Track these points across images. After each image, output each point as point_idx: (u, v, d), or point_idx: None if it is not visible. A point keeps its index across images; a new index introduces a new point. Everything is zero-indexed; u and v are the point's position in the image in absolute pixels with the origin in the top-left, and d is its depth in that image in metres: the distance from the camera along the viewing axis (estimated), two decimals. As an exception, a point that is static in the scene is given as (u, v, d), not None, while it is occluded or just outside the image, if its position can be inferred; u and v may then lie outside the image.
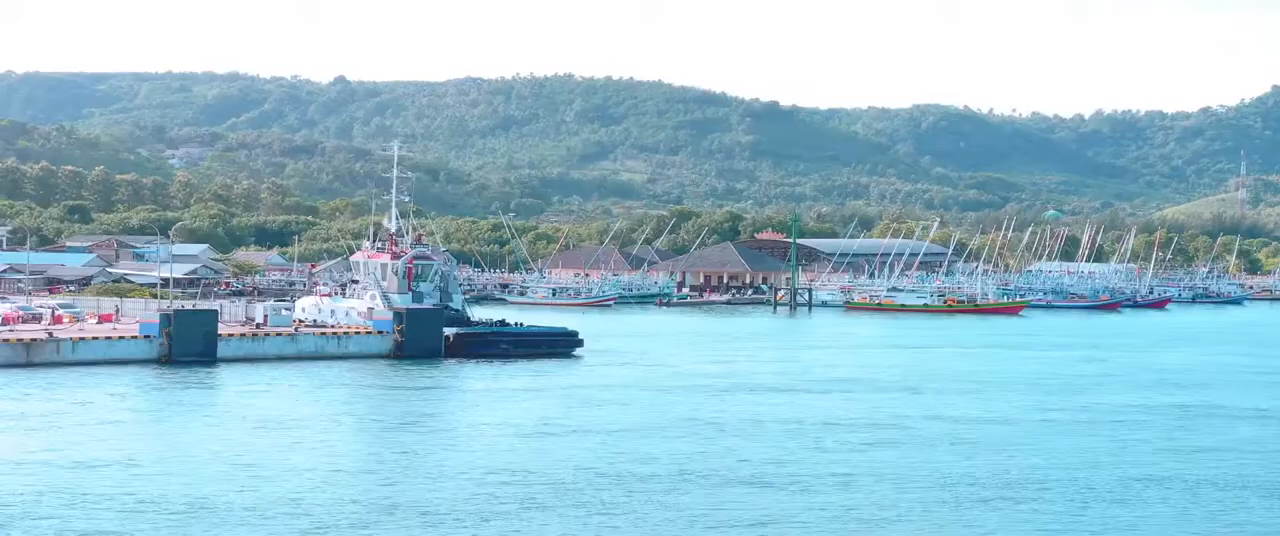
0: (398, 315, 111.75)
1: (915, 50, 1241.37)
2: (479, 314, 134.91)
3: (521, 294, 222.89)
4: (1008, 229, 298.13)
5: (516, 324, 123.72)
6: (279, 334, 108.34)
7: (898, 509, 52.03)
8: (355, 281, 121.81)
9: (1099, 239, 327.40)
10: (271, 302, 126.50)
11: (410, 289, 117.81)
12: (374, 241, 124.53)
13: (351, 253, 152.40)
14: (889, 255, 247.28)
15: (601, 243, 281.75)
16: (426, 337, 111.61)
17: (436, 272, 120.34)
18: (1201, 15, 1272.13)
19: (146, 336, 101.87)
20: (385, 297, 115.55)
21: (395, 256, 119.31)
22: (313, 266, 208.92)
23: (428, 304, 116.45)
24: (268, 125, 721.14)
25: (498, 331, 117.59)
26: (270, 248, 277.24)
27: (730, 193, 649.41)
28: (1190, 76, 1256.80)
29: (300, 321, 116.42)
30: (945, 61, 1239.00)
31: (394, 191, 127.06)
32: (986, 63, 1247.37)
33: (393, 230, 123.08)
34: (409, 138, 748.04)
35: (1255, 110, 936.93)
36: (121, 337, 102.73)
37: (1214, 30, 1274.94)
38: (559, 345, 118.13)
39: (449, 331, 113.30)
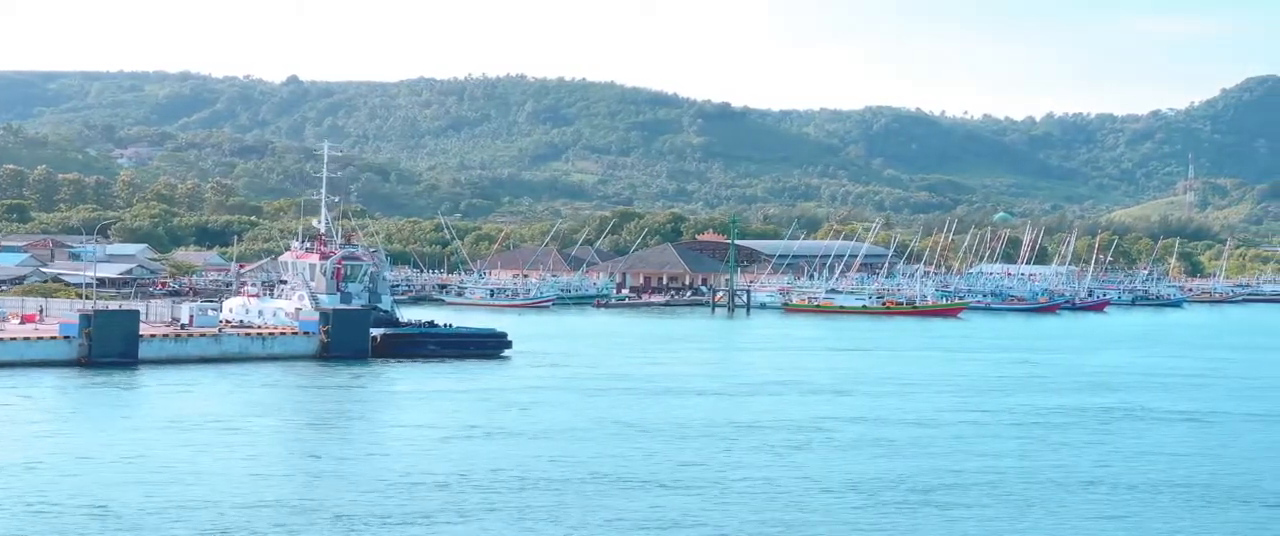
0: (324, 316, 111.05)
1: (868, 52, 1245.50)
2: (417, 315, 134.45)
3: (459, 295, 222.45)
4: (949, 231, 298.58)
5: (445, 325, 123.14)
6: (203, 335, 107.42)
7: (814, 511, 51.68)
8: (283, 282, 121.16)
9: (1042, 241, 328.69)
10: (198, 303, 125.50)
11: (339, 289, 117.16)
12: (303, 242, 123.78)
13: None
14: (829, 257, 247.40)
15: (544, 244, 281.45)
16: (353, 338, 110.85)
17: (366, 273, 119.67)
18: (1152, 19, 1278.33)
19: (66, 337, 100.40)
20: (313, 298, 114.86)
21: (324, 257, 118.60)
22: (241, 266, 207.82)
23: (356, 304, 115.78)
24: (219, 125, 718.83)
25: (425, 332, 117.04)
26: (211, 248, 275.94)
27: (681, 194, 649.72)
28: (1140, 80, 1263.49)
29: (227, 322, 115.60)
30: (898, 64, 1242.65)
31: (324, 191, 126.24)
32: (939, 65, 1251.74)
33: (322, 230, 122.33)
34: (361, 138, 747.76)
35: (1204, 114, 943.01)
36: (40, 338, 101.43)
37: (1164, 34, 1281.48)
38: (487, 346, 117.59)
39: (376, 332, 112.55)
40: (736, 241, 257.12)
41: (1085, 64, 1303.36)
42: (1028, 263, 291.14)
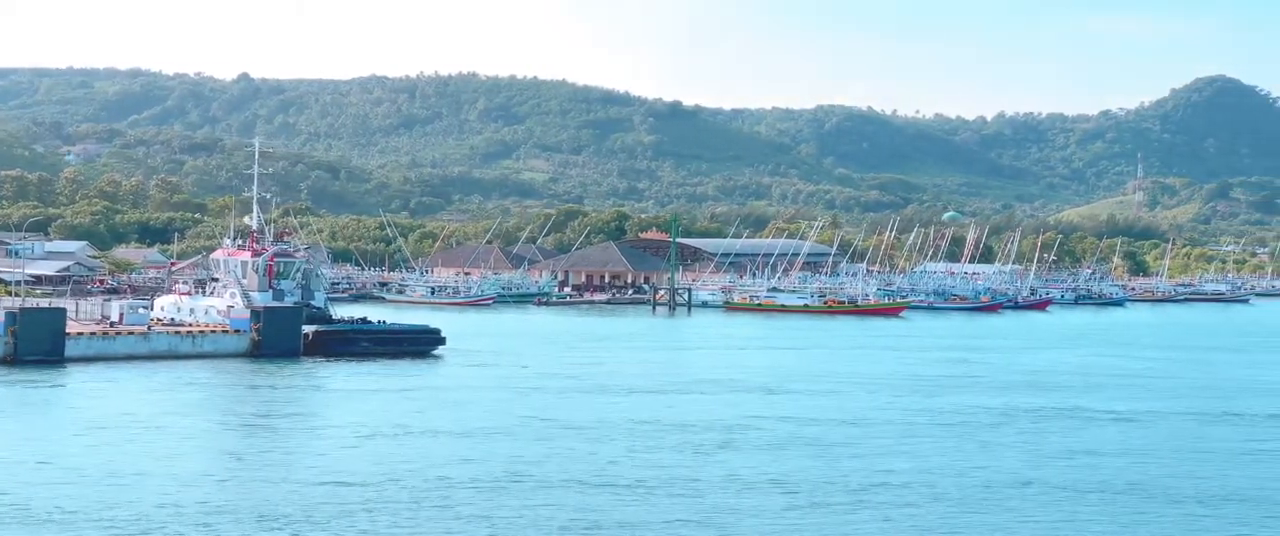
0: (255, 313, 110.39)
1: (820, 52, 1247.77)
2: (358, 313, 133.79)
3: (400, 293, 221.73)
4: (892, 230, 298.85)
5: (379, 322, 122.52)
6: (131, 333, 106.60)
7: (739, 511, 51.42)
8: (215, 279, 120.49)
9: (988, 240, 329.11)
10: (128, 301, 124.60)
11: (271, 287, 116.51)
12: (235, 239, 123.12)
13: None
14: (773, 255, 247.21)
15: (485, 241, 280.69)
16: (284, 336, 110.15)
17: (298, 270, 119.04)
18: (1103, 20, 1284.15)
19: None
20: (245, 295, 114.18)
21: (256, 254, 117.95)
22: (172, 264, 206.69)
23: (289, 302, 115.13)
24: (170, 122, 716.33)
25: (357, 329, 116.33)
26: (152, 245, 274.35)
27: (632, 192, 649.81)
28: (1091, 80, 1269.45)
29: (158, 320, 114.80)
30: (849, 63, 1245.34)
31: (255, 188, 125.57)
32: (890, 64, 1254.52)
33: (254, 227, 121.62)
34: (312, 135, 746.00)
35: (1154, 114, 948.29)
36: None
37: (1115, 35, 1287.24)
38: (420, 343, 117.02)
39: (308, 330, 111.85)
40: (680, 240, 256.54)
41: (1036, 64, 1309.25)
42: (972, 262, 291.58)
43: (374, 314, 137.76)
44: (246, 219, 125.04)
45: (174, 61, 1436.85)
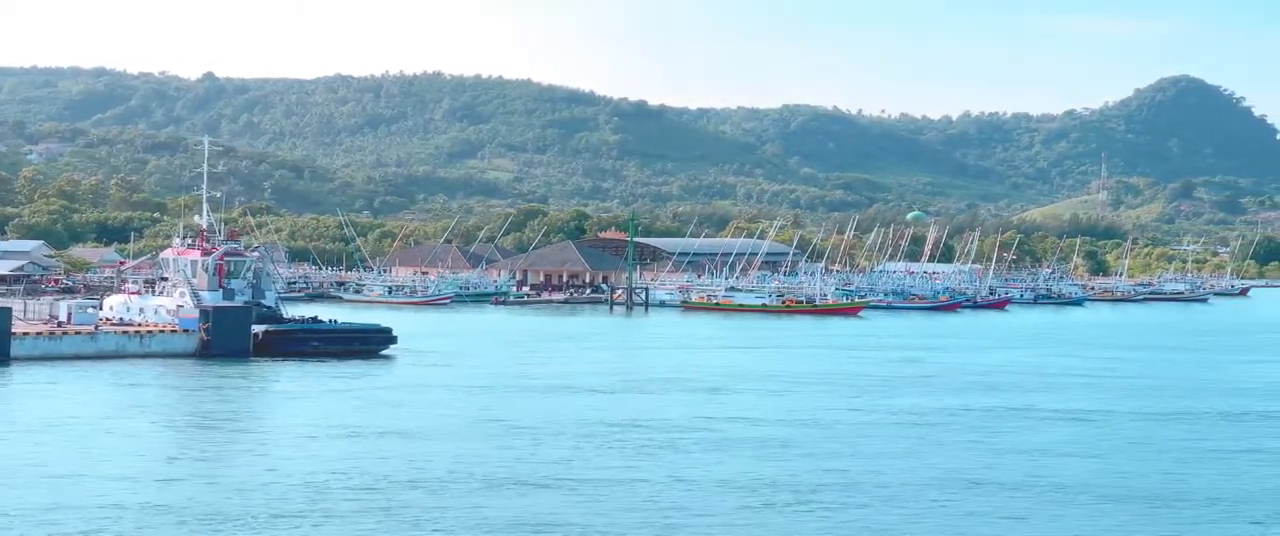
0: (204, 313, 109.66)
1: (785, 51, 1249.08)
2: (315, 312, 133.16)
3: (357, 292, 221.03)
4: (851, 229, 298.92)
5: (330, 321, 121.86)
6: (78, 332, 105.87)
7: (686, 512, 51.02)
8: (165, 278, 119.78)
9: (949, 239, 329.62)
10: (77, 300, 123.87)
11: (221, 286, 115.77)
12: (184, 238, 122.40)
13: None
14: (731, 255, 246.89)
15: (442, 240, 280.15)
16: (233, 336, 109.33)
17: (249, 269, 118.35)
18: (1067, 20, 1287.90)
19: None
20: (195, 295, 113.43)
21: (206, 253, 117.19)
22: (121, 263, 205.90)
23: (239, 301, 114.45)
24: (134, 121, 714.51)
25: (307, 329, 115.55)
26: (109, 244, 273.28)
27: (597, 191, 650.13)
28: (1055, 80, 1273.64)
29: (106, 319, 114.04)
30: (815, 63, 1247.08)
31: (205, 187, 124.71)
32: (856, 64, 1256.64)
33: (204, 226, 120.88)
34: (277, 135, 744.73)
35: (1118, 114, 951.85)
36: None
37: (1079, 35, 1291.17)
38: (371, 343, 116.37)
39: (258, 329, 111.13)
40: (639, 239, 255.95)
41: (1001, 64, 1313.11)
42: (932, 261, 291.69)
43: (331, 313, 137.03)
44: (197, 218, 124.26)
45: (138, 61, 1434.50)
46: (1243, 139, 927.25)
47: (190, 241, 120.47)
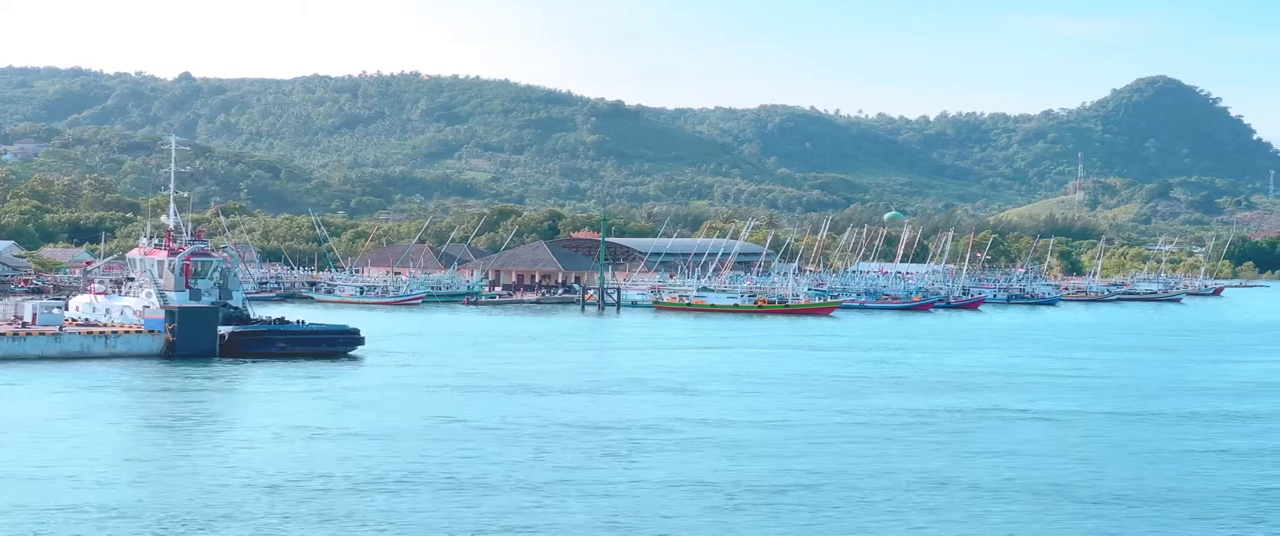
0: (169, 314, 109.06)
1: (763, 51, 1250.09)
2: (286, 313, 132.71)
3: (329, 292, 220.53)
4: (824, 228, 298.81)
5: (298, 322, 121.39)
6: (42, 333, 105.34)
7: (649, 514, 50.65)
8: (131, 279, 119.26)
9: (924, 240, 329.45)
10: (42, 301, 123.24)
11: (188, 286, 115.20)
12: (151, 238, 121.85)
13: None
14: (703, 255, 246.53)
15: (415, 240, 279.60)
16: (199, 337, 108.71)
17: (216, 270, 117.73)
18: (1045, 20, 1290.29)
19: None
20: (161, 295, 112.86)
21: (172, 253, 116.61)
22: (87, 263, 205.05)
23: (206, 302, 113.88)
24: (110, 121, 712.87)
25: (274, 330, 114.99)
26: (81, 245, 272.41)
27: (574, 192, 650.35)
28: (1033, 80, 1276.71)
29: (72, 320, 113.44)
30: (792, 63, 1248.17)
31: (172, 186, 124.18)
32: (833, 64, 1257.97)
33: (171, 226, 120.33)
34: (254, 135, 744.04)
35: (1096, 114, 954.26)
36: None
37: (1057, 35, 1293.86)
38: (338, 344, 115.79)
39: (224, 330, 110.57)
40: (611, 239, 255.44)
41: (978, 64, 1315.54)
42: (906, 261, 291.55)
43: (302, 314, 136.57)
44: (164, 218, 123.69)
45: (115, 61, 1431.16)
46: (1219, 139, 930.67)
47: (157, 242, 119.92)
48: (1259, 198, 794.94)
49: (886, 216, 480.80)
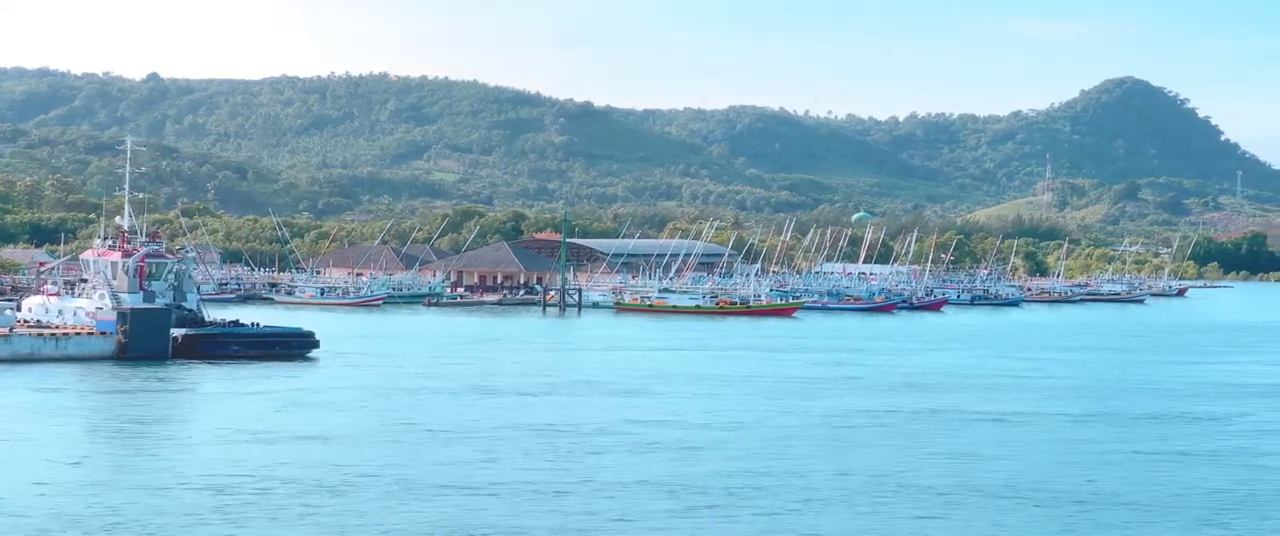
0: (122, 315, 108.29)
1: (731, 52, 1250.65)
2: (246, 314, 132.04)
3: (289, 294, 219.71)
4: (788, 229, 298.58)
5: (253, 324, 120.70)
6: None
7: (603, 515, 50.36)
8: (84, 280, 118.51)
9: (889, 241, 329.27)
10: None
11: (142, 288, 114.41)
12: (105, 239, 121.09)
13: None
14: (665, 255, 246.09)
15: (377, 241, 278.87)
16: (152, 339, 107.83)
17: (170, 271, 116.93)
18: (1013, 21, 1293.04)
19: None
20: (115, 297, 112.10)
21: (126, 254, 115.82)
22: (41, 264, 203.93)
23: (160, 303, 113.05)
24: (77, 122, 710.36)
25: (228, 332, 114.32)
26: (42, 245, 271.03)
27: (542, 192, 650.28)
28: (1002, 81, 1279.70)
29: (23, 322, 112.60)
30: (761, 64, 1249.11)
31: (127, 187, 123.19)
32: (802, 65, 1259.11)
33: (125, 227, 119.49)
34: (222, 136, 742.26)
35: (1064, 115, 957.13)
36: None
37: (1025, 36, 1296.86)
38: (293, 346, 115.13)
39: (177, 332, 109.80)
40: (574, 240, 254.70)
41: (948, 65, 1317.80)
42: (870, 262, 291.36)
43: (263, 315, 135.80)
44: (118, 219, 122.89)
45: (82, 61, 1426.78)
46: (1187, 140, 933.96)
47: (111, 243, 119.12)
48: (1227, 198, 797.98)
49: (854, 217, 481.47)
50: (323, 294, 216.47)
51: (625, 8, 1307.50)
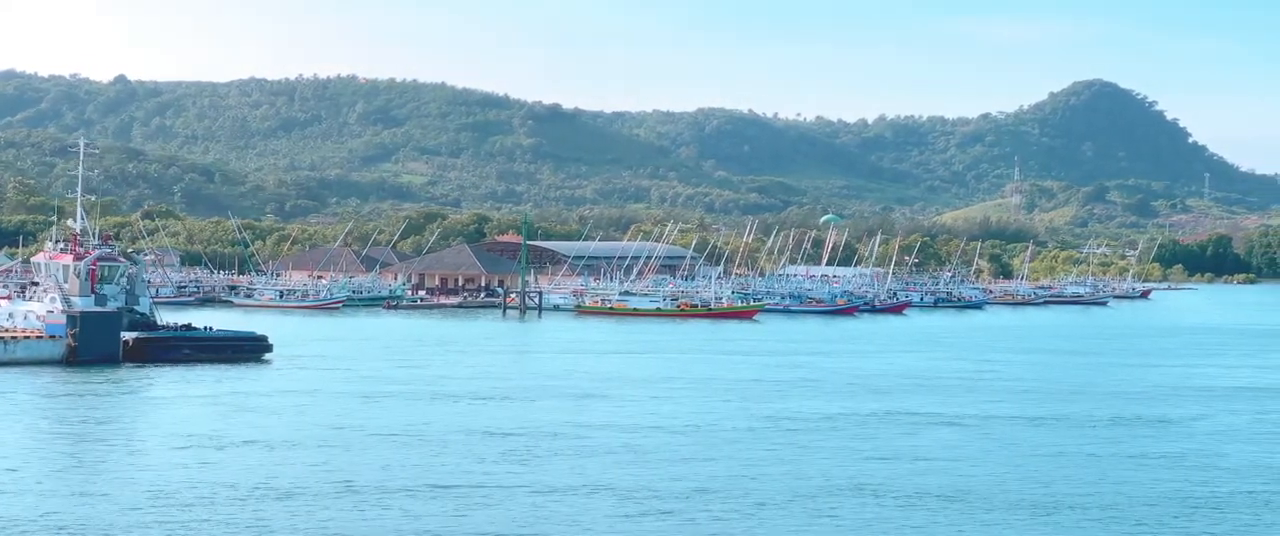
0: (72, 319, 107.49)
1: (701, 54, 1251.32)
2: (205, 317, 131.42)
3: (249, 296, 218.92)
4: (750, 231, 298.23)
5: (205, 328, 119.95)
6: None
7: (552, 520, 49.87)
8: (35, 283, 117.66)
9: (853, 243, 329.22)
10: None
11: (93, 291, 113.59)
12: (56, 242, 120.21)
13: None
14: (627, 258, 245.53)
15: (336, 243, 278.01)
16: (102, 342, 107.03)
17: (122, 275, 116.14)
18: (981, 23, 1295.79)
19: None
20: (66, 300, 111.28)
21: (78, 257, 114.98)
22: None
23: (112, 307, 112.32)
24: (44, 124, 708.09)
25: (180, 336, 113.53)
26: (2, 248, 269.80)
27: (510, 195, 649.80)
28: (970, 84, 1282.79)
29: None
30: (730, 66, 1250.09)
31: (80, 190, 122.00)
32: (772, 67, 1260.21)
33: (77, 230, 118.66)
34: (190, 138, 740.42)
35: (1033, 117, 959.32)
36: None
37: (994, 38, 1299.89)
38: (246, 350, 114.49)
39: (128, 336, 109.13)
40: (536, 242, 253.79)
41: (917, 67, 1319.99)
42: (834, 264, 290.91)
43: (221, 318, 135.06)
44: (70, 221, 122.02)
45: (49, 63, 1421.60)
46: (1155, 143, 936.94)
47: (63, 246, 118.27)
48: (1194, 200, 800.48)
49: (823, 219, 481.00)
50: (282, 297, 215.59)
51: (594, 10, 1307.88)
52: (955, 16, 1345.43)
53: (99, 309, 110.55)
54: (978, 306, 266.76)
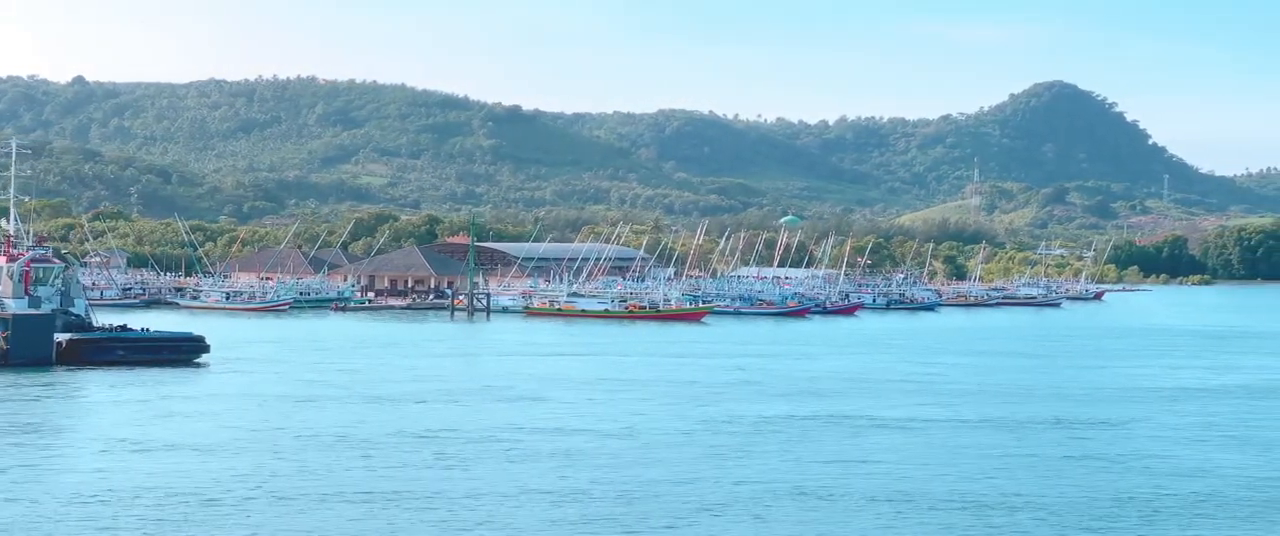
0: (3, 321, 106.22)
1: (660, 56, 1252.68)
2: (148, 319, 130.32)
3: (195, 298, 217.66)
4: (701, 232, 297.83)
5: (142, 329, 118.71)
6: None
7: (486, 525, 49.09)
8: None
9: (807, 243, 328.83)
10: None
11: (27, 293, 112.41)
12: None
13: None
14: (577, 260, 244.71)
15: (283, 245, 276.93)
16: (34, 344, 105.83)
17: (57, 276, 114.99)
18: (943, 25, 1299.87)
19: None
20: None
21: (11, 259, 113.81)
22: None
23: (47, 308, 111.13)
24: (0, 126, 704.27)
25: (114, 337, 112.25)
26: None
27: (470, 196, 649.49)
28: (931, 85, 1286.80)
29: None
30: (690, 67, 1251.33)
31: (12, 190, 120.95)
32: (732, 68, 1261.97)
33: (11, 231, 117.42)
34: (148, 139, 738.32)
35: (994, 119, 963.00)
36: None
37: (955, 40, 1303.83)
38: (182, 351, 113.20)
39: (61, 338, 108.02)
40: (485, 243, 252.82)
41: (877, 69, 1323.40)
42: (786, 265, 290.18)
43: (167, 320, 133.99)
44: (4, 223, 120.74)
45: (6, 64, 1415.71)
46: (1115, 144, 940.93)
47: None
48: (1154, 202, 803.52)
49: (782, 221, 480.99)
50: (229, 298, 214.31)
51: (554, 11, 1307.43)
52: (916, 18, 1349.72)
53: (33, 311, 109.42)
54: (930, 308, 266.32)
